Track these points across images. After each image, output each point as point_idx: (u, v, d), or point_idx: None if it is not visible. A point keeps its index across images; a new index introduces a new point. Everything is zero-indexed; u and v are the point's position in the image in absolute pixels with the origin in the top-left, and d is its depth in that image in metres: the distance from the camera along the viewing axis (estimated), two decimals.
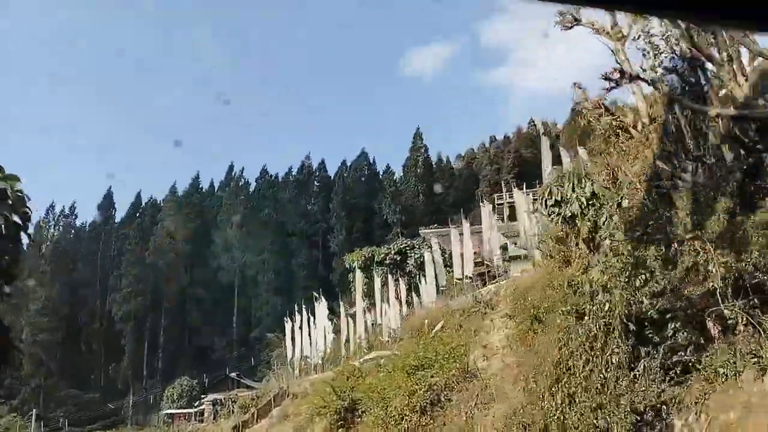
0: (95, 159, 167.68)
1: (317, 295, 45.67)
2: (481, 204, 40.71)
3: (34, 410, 73.16)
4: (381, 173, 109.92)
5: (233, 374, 68.84)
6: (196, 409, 61.18)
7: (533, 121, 78.75)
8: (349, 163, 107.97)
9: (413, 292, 37.61)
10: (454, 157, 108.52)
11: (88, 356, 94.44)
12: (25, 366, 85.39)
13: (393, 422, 21.25)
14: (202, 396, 63.66)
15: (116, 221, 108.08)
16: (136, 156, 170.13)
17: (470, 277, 33.52)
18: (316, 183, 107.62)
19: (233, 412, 44.64)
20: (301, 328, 45.74)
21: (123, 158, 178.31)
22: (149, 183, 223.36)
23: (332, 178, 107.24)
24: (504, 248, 34.74)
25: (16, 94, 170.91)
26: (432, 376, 21.56)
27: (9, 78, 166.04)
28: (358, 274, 41.65)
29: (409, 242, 48.02)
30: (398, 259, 44.42)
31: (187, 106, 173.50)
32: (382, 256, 45.03)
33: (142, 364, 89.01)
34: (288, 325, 49.27)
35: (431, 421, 20.56)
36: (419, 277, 38.70)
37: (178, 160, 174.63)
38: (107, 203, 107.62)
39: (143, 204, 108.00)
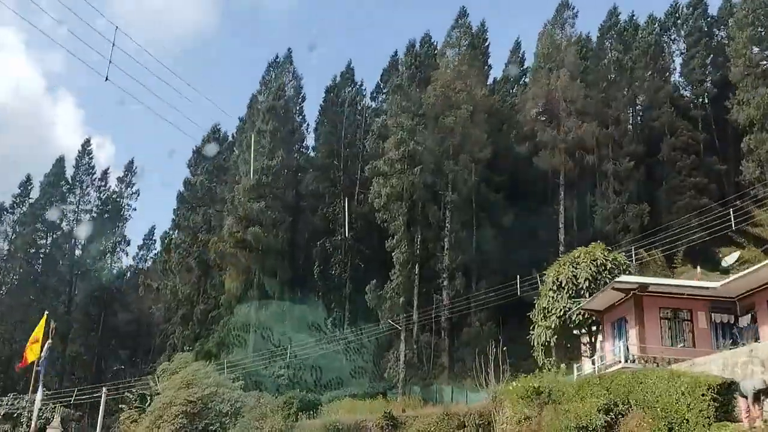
0: None
1: None
2: None
3: None
4: None
5: None
6: None
7: None
8: None
9: None
10: None
11: (334, 263, 59.80)
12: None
13: None
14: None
15: (363, 88, 73.20)
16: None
17: None
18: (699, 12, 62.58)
19: None
20: None
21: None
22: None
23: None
24: None
25: None
26: None
27: None
28: None
29: None
30: None
31: None
32: None
33: (411, 287, 52.73)
34: None
35: None
36: None
37: None
38: (348, 71, 72.60)
39: (400, 59, 70.72)
